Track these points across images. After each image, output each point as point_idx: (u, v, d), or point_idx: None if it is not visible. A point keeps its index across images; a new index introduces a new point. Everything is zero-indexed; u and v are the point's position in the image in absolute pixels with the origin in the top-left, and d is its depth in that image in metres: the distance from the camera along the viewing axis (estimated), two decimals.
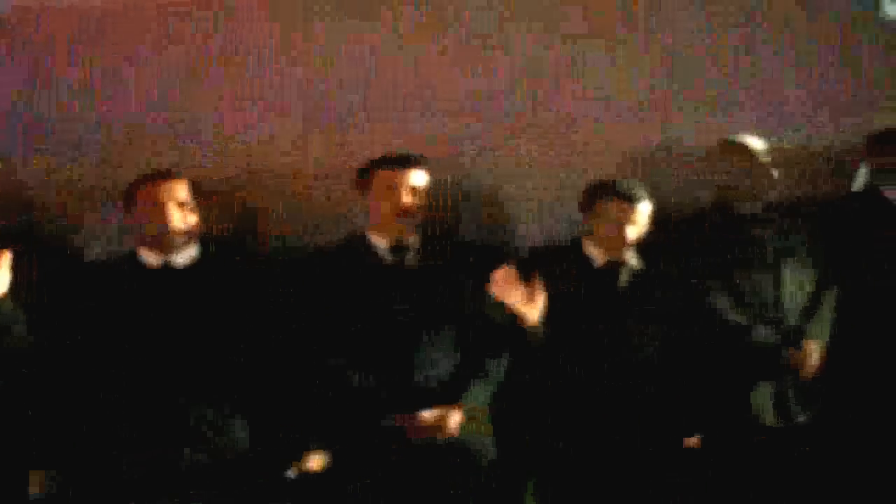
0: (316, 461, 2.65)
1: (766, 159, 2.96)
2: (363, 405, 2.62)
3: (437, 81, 3.04)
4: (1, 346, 2.47)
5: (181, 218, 2.65)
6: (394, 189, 2.73)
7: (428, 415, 2.62)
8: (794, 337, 2.95)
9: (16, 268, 2.41)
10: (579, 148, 3.04)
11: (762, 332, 2.92)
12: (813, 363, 2.94)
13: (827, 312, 3.00)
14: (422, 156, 2.78)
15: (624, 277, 2.83)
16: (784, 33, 3.07)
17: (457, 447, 2.63)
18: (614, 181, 2.82)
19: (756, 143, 2.98)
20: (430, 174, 2.78)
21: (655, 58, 3.06)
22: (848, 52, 3.09)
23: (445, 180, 2.89)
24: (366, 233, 2.79)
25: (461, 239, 2.99)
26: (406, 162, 2.76)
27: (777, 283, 2.96)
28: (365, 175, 2.80)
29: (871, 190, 3.16)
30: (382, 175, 2.75)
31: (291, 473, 2.64)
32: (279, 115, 3.02)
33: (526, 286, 2.60)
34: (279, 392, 2.64)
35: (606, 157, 3.03)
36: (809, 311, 3.00)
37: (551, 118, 3.06)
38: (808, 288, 3.01)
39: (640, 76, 3.05)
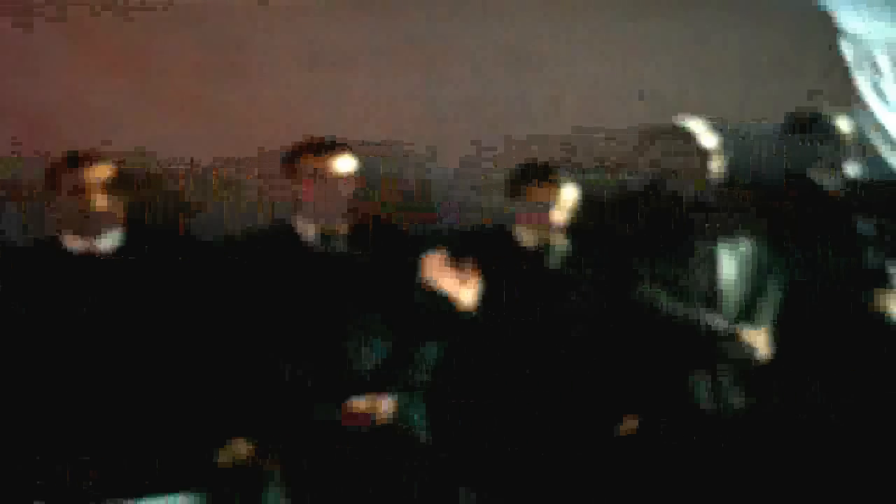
0: (243, 448, 2.60)
1: (708, 143, 2.91)
2: (294, 395, 2.59)
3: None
4: None
5: (104, 202, 2.59)
6: (320, 175, 2.67)
7: (359, 402, 2.58)
8: (735, 325, 2.86)
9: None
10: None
11: (697, 320, 2.84)
12: (760, 351, 2.87)
13: (772, 299, 2.93)
14: (344, 141, 2.72)
15: (553, 260, 2.83)
16: None
17: (390, 434, 2.61)
18: (539, 164, 2.84)
19: (697, 126, 2.92)
20: (358, 159, 2.72)
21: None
22: None
23: (378, 167, 2.87)
24: (292, 219, 2.73)
25: (391, 225, 2.90)
26: (330, 148, 2.70)
27: (713, 270, 2.88)
28: (290, 161, 2.73)
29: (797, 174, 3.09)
30: (307, 161, 2.69)
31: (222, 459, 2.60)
32: None
33: (458, 270, 2.59)
34: (207, 379, 2.58)
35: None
36: (751, 298, 2.92)
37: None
38: (752, 273, 2.94)
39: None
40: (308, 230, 2.71)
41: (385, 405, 2.60)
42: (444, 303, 2.57)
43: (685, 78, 3.09)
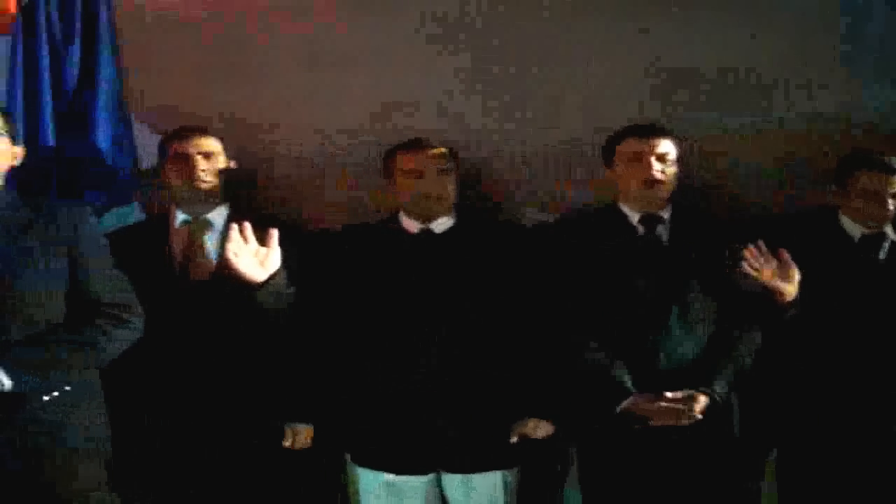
0: (541, 429, 2.65)
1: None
2: (602, 385, 2.56)
3: None
4: (275, 317, 2.54)
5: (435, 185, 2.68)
6: (640, 159, 2.65)
7: (673, 395, 2.53)
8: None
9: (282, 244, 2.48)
10: None
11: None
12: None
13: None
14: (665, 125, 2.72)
15: (883, 251, 2.69)
16: None
17: (699, 433, 2.54)
18: (868, 152, 2.71)
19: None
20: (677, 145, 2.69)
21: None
22: None
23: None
24: (618, 202, 2.72)
25: (705, 213, 2.81)
26: (652, 131, 2.68)
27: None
28: (610, 146, 2.73)
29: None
30: (627, 145, 2.68)
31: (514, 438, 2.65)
32: None
33: (777, 260, 2.50)
34: (514, 358, 2.64)
35: None
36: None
37: None
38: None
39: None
40: (631, 213, 2.70)
41: (699, 403, 2.53)
42: (763, 294, 2.51)
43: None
